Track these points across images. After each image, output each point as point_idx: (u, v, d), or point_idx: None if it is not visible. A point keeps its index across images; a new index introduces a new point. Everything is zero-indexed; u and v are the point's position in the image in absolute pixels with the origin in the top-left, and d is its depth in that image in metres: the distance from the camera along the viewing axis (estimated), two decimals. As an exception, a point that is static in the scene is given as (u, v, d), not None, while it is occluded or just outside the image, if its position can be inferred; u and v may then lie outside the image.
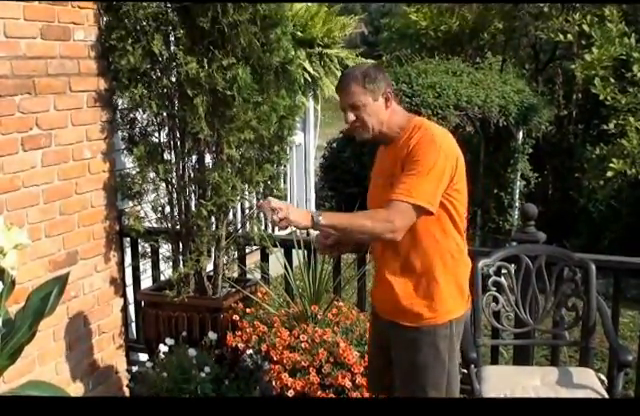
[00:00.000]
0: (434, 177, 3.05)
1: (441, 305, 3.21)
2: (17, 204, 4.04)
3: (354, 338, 4.24)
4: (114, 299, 4.88)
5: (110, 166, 4.73)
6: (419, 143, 3.10)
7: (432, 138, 3.11)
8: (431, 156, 3.06)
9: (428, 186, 3.05)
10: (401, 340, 3.32)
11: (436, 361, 3.24)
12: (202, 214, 4.48)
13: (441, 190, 3.09)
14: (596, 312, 4.16)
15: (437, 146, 3.08)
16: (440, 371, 3.26)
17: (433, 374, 3.25)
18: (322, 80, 7.42)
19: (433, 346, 3.22)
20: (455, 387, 3.34)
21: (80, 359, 4.58)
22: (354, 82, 3.19)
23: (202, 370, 4.25)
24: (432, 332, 3.22)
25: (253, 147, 4.61)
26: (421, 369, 3.26)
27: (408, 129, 3.19)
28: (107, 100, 4.63)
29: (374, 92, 3.18)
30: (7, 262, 3.17)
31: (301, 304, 4.51)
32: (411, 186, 3.04)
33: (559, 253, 4.32)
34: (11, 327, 3.27)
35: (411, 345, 3.26)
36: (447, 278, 3.22)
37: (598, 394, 3.82)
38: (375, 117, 3.22)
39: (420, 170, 3.05)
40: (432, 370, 3.25)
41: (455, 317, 3.26)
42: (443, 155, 3.07)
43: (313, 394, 3.97)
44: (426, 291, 3.21)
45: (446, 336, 3.24)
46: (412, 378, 3.30)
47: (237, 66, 4.29)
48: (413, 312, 3.23)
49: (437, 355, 3.24)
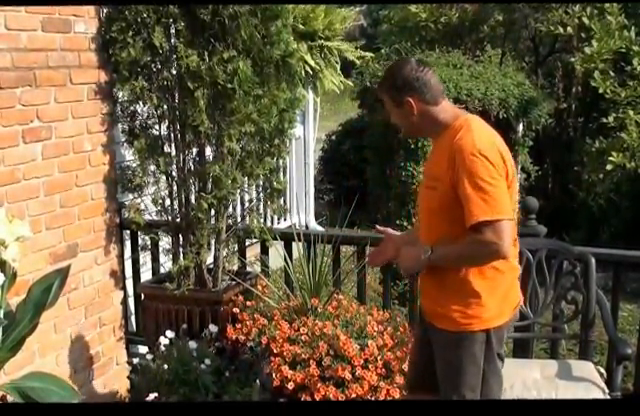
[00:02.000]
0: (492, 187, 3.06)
1: (478, 313, 3.21)
2: (17, 196, 4.04)
3: (354, 331, 4.25)
4: (114, 292, 4.89)
5: (110, 159, 4.73)
6: (462, 152, 3.09)
7: (472, 144, 3.10)
8: (480, 166, 3.06)
9: (491, 198, 3.05)
10: (438, 341, 3.36)
11: (471, 365, 3.26)
12: (202, 207, 4.48)
13: (506, 195, 3.10)
14: (595, 305, 4.17)
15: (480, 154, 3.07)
16: (475, 374, 3.28)
17: (468, 376, 3.28)
18: (322, 73, 7.42)
19: (468, 350, 3.24)
20: (495, 389, 3.36)
21: (81, 351, 4.59)
22: (383, 90, 3.34)
23: (202, 362, 4.26)
24: (468, 337, 3.23)
25: (253, 140, 4.61)
26: (455, 371, 3.29)
27: (453, 128, 3.22)
28: (107, 93, 4.63)
29: (400, 102, 3.27)
30: (9, 254, 3.18)
31: (301, 297, 4.52)
32: (480, 204, 3.04)
33: (559, 246, 4.32)
34: (12, 319, 3.29)
35: (447, 347, 3.29)
36: (487, 289, 3.21)
37: (597, 387, 3.83)
38: (403, 121, 3.35)
39: (479, 185, 3.05)
40: (466, 373, 3.27)
41: (495, 325, 3.26)
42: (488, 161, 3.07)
43: (313, 386, 3.98)
44: (462, 300, 3.21)
45: (483, 342, 3.24)
46: (448, 378, 3.34)
47: (238, 59, 4.29)
48: (447, 317, 3.25)
49: (472, 359, 3.25)
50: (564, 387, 3.84)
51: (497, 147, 3.16)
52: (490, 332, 3.25)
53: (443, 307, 3.26)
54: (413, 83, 3.23)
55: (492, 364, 3.30)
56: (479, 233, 3.04)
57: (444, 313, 3.26)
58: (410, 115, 3.27)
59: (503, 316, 3.29)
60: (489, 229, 3.02)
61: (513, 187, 3.23)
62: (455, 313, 3.23)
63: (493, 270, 3.21)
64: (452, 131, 3.20)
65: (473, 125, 3.21)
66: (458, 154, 3.09)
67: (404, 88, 3.23)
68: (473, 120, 3.26)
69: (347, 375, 3.97)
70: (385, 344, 4.14)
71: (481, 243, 3.05)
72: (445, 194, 3.15)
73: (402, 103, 3.25)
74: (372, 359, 4.06)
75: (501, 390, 3.48)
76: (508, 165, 3.17)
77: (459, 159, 3.09)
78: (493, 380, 3.34)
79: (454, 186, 3.11)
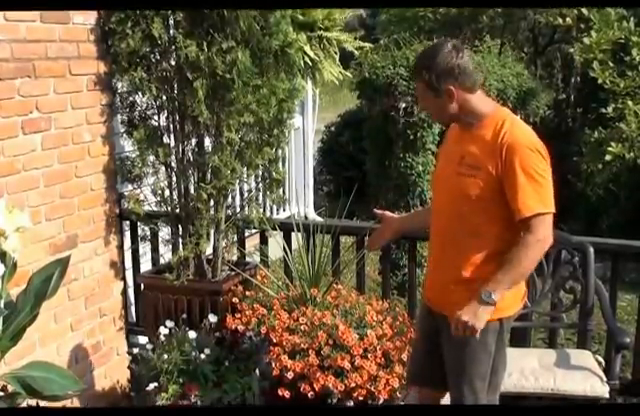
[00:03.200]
0: (545, 181, 3.11)
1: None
2: (17, 187, 4.05)
3: (353, 320, 4.27)
4: (114, 282, 4.90)
5: (110, 149, 4.74)
6: (516, 146, 3.10)
7: (528, 140, 3.13)
8: (536, 161, 3.10)
9: (544, 191, 3.10)
10: (450, 331, 3.33)
11: (483, 354, 3.29)
12: (202, 197, 4.49)
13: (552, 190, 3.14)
14: (594, 295, 4.18)
15: (537, 150, 3.11)
16: (486, 362, 3.31)
17: (479, 365, 3.31)
18: (321, 64, 7.41)
19: (482, 339, 3.23)
20: (500, 378, 3.41)
21: (81, 341, 4.61)
22: (419, 79, 3.22)
23: (202, 352, 4.27)
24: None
25: (252, 130, 4.61)
26: (467, 360, 3.31)
27: (493, 119, 3.19)
28: (107, 83, 4.63)
29: (438, 90, 3.17)
30: (9, 245, 3.18)
31: (300, 287, 4.53)
32: (535, 196, 3.08)
33: (557, 236, 4.30)
34: (13, 309, 3.30)
35: (460, 337, 3.25)
36: None
37: (595, 375, 3.85)
38: (438, 109, 3.27)
39: (534, 178, 3.09)
40: (479, 362, 3.30)
41: (506, 316, 3.28)
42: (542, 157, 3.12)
43: (312, 376, 3.99)
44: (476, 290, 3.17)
45: (495, 331, 3.27)
46: (460, 368, 3.36)
47: (236, 49, 4.29)
48: (462, 306, 3.18)
49: (484, 348, 3.28)
50: (562, 376, 3.85)
51: (537, 138, 3.18)
52: (503, 321, 3.28)
53: (458, 297, 3.22)
54: (454, 70, 3.12)
55: (501, 352, 3.34)
56: (531, 227, 3.08)
57: (459, 302, 3.19)
58: (448, 104, 3.19)
59: (515, 305, 3.33)
60: (541, 222, 3.09)
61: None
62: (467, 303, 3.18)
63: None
64: (493, 122, 3.18)
65: (517, 120, 3.23)
66: (510, 147, 3.09)
67: (443, 76, 3.13)
68: (512, 114, 3.27)
69: (346, 365, 3.99)
70: (384, 334, 4.16)
71: (532, 245, 3.10)
72: (487, 183, 3.15)
73: (441, 91, 3.16)
74: (371, 348, 4.08)
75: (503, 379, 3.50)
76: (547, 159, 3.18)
77: (511, 152, 3.08)
78: (501, 368, 3.37)
79: (499, 177, 3.11)
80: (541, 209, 3.08)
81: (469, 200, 3.21)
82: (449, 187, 3.33)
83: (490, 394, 3.36)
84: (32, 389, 3.20)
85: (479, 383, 3.31)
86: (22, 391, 3.20)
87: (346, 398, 4.10)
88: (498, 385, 3.40)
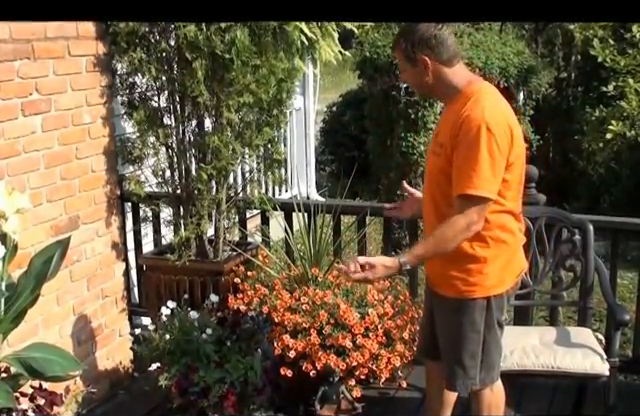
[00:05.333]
0: (491, 163, 3.01)
1: (480, 281, 3.22)
2: (18, 169, 4.05)
3: (354, 300, 4.28)
4: (116, 263, 4.91)
5: (110, 131, 4.73)
6: (469, 122, 3.03)
7: (481, 116, 3.03)
8: (483, 140, 3.00)
9: (486, 173, 3.01)
10: (440, 308, 3.41)
11: (472, 332, 3.29)
12: (202, 178, 4.49)
13: (499, 175, 3.06)
14: (594, 272, 4.19)
15: (486, 128, 3.01)
16: (475, 341, 3.31)
17: (468, 344, 3.31)
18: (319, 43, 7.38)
19: (469, 317, 3.26)
20: (495, 356, 3.40)
21: (84, 323, 4.62)
22: (397, 48, 3.23)
23: (204, 332, 4.29)
24: (468, 304, 3.26)
25: (252, 111, 4.61)
26: (456, 338, 3.33)
27: (464, 94, 3.15)
28: (106, 65, 4.62)
29: (414, 60, 3.16)
30: (9, 226, 3.20)
31: (302, 267, 4.54)
32: (471, 177, 3.01)
33: (558, 214, 4.34)
34: (14, 291, 3.32)
35: (448, 314, 3.32)
36: (489, 258, 3.21)
37: (596, 353, 3.86)
38: (415, 80, 3.27)
39: (476, 157, 3.00)
40: (467, 340, 3.30)
41: (495, 293, 3.27)
42: (494, 138, 3.01)
43: (314, 355, 4.01)
44: (464, 268, 3.22)
45: (483, 309, 3.26)
46: (450, 346, 3.38)
47: (235, 28, 4.27)
48: (449, 284, 3.27)
49: (473, 326, 3.28)
50: (563, 353, 3.87)
51: (508, 123, 3.10)
52: (490, 299, 3.27)
53: (445, 274, 3.28)
54: (430, 41, 3.12)
55: (492, 331, 3.33)
56: (459, 208, 3.04)
57: (446, 280, 3.28)
58: (424, 75, 3.17)
59: (504, 284, 3.31)
60: (470, 204, 3.03)
61: (519, 164, 3.18)
62: (457, 280, 3.24)
63: (497, 241, 3.22)
64: (463, 98, 3.14)
65: (485, 95, 3.14)
66: (465, 124, 3.04)
67: (419, 45, 3.13)
68: (486, 89, 3.20)
69: (348, 343, 4.01)
70: (385, 312, 4.17)
71: (458, 223, 3.05)
72: (446, 162, 3.12)
73: (416, 61, 3.15)
74: (372, 327, 4.09)
75: (500, 358, 3.51)
76: (515, 143, 3.10)
77: (464, 129, 3.04)
78: (493, 347, 3.37)
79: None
80: (471, 191, 3.01)
81: (434, 179, 3.25)
82: (428, 168, 3.37)
83: (484, 373, 3.36)
84: (34, 370, 3.23)
85: (469, 361, 3.32)
86: (24, 372, 3.23)
87: (348, 376, 4.13)
88: (493, 364, 3.39)
